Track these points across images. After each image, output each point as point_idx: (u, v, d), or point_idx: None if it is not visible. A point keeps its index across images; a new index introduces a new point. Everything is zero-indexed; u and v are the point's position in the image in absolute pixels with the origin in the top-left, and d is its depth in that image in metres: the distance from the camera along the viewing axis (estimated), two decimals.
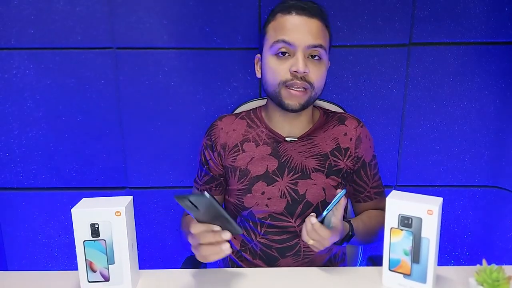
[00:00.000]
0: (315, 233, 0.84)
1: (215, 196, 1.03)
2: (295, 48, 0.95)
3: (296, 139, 1.06)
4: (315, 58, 0.97)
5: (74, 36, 1.32)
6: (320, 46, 0.96)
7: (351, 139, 1.07)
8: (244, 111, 1.15)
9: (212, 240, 0.79)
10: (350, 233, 0.95)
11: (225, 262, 1.14)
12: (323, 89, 1.03)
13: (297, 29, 0.95)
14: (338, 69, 1.36)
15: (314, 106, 1.12)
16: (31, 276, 0.95)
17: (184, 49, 1.34)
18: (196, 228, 0.80)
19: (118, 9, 1.30)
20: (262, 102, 1.20)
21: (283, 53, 0.96)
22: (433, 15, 1.30)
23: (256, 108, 1.15)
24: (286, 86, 0.97)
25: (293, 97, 0.97)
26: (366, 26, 1.32)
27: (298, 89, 0.97)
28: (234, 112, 1.22)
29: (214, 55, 1.35)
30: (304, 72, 0.94)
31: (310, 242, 0.86)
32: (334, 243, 0.92)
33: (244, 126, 1.10)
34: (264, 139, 1.07)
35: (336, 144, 1.07)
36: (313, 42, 0.95)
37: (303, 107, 0.99)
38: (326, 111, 1.14)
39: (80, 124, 1.40)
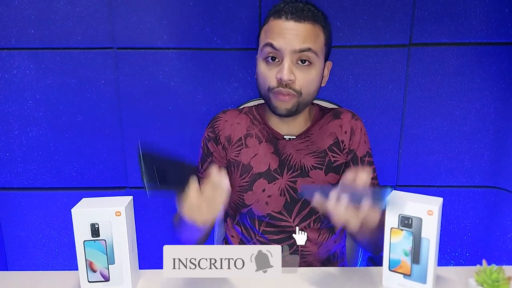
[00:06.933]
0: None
1: None
2: (282, 53, 0.93)
3: (295, 137, 1.06)
4: (305, 64, 0.95)
5: (74, 36, 1.32)
6: (309, 50, 0.93)
7: (345, 131, 1.07)
8: (247, 107, 1.14)
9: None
10: None
11: None
12: (319, 91, 1.02)
13: (284, 34, 0.93)
14: (338, 69, 1.36)
15: (311, 104, 1.11)
16: (31, 276, 0.94)
17: (184, 49, 1.34)
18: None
19: (118, 9, 1.30)
20: (262, 100, 1.19)
21: (272, 59, 0.95)
22: (433, 15, 1.30)
23: (258, 105, 1.14)
24: (273, 92, 0.97)
25: (280, 103, 0.97)
26: (366, 27, 1.32)
27: (284, 96, 0.96)
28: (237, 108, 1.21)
29: (214, 55, 1.35)
30: (290, 80, 0.93)
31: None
32: None
33: (247, 121, 1.10)
34: (267, 136, 1.07)
35: (334, 139, 1.07)
36: (299, 46, 0.93)
37: (290, 112, 0.98)
38: (322, 108, 1.13)
39: (80, 123, 1.40)
